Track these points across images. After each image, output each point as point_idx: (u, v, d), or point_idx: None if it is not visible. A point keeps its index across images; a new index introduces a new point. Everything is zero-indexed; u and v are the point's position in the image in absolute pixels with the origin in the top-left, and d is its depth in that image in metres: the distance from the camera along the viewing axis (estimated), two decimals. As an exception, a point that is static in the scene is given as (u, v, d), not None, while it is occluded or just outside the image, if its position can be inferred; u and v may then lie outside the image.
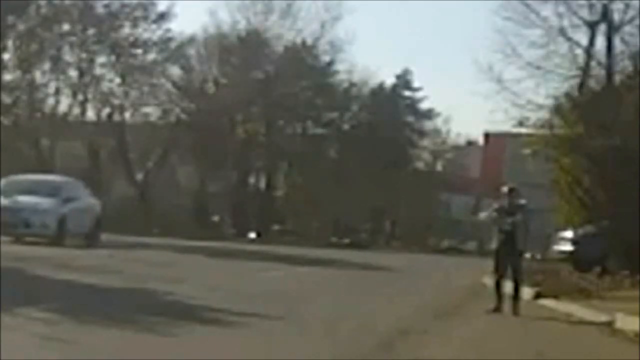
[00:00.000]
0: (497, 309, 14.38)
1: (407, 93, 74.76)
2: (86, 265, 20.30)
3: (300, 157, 68.56)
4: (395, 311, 14.48)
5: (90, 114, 59.40)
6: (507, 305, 14.44)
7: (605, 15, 30.50)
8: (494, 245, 14.74)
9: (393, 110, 72.35)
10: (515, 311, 14.31)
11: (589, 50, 31.00)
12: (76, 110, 58.21)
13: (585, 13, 30.85)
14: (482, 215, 15.28)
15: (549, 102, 30.46)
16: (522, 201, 14.73)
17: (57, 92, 57.13)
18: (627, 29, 30.28)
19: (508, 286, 14.74)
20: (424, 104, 74.89)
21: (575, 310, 15.08)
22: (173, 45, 59.04)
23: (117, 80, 58.02)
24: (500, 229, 14.45)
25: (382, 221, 74.71)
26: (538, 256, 33.90)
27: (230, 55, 64.68)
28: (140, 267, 20.49)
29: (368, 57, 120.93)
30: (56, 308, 11.42)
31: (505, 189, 14.82)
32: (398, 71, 74.38)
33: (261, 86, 64.23)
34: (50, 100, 57.14)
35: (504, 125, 32.89)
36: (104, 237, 29.86)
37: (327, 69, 69.46)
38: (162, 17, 57.58)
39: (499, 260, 14.60)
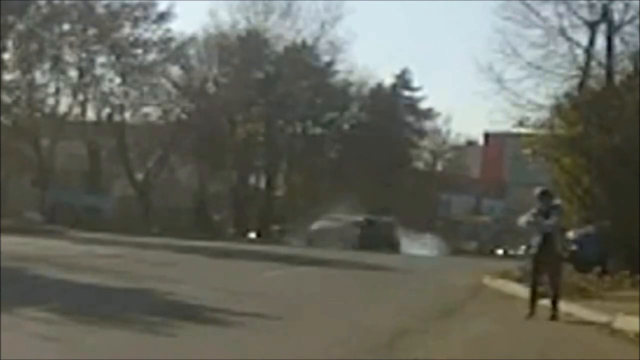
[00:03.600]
0: (532, 313, 14.14)
1: (406, 93, 74.70)
2: (86, 265, 20.31)
3: (300, 157, 68.53)
4: (396, 310, 14.47)
5: (90, 114, 59.42)
6: (509, 307, 14.42)
7: (605, 15, 30.45)
8: (533, 250, 14.32)
9: (393, 110, 72.29)
10: (555, 316, 14.08)
11: (589, 50, 30.94)
12: (76, 110, 58.21)
13: (585, 13, 30.80)
14: (522, 219, 14.75)
15: (549, 102, 30.37)
16: (557, 201, 14.47)
17: (57, 92, 57.13)
18: (627, 29, 30.21)
19: (514, 287, 14.69)
20: (423, 103, 74.88)
21: (576, 310, 15.05)
22: (173, 45, 59.02)
23: (117, 80, 58.05)
24: (540, 231, 14.18)
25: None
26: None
27: (230, 55, 64.66)
28: (140, 267, 20.49)
29: (368, 57, 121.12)
30: (56, 308, 11.42)
31: (537, 191, 14.47)
32: (397, 71, 74.41)
33: (261, 86, 64.24)
34: (50, 100, 57.15)
35: (504, 125, 32.78)
36: (105, 236, 29.85)
37: (327, 69, 69.41)
38: (162, 17, 57.61)
39: (538, 264, 14.33)
